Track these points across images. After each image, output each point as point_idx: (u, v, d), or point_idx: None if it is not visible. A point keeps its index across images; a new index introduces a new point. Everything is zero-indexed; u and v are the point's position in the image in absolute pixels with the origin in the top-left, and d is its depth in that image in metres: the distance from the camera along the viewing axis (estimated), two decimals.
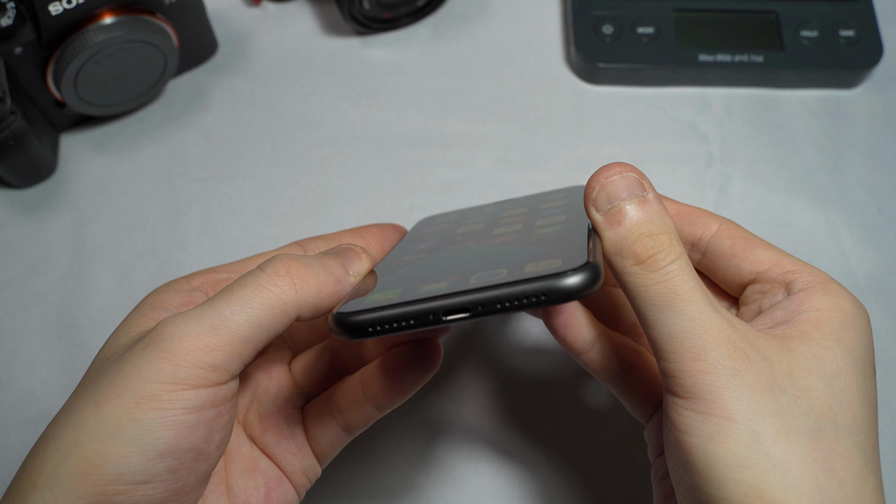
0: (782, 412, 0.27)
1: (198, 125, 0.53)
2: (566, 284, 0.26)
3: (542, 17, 0.57)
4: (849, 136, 0.53)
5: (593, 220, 0.31)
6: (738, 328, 0.29)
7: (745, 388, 0.27)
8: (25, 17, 0.45)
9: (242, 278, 0.30)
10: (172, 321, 0.28)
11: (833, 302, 0.30)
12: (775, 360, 0.28)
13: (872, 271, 0.49)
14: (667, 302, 0.29)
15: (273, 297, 0.29)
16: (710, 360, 0.28)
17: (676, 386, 0.28)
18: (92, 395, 0.28)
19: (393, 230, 0.40)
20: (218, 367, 0.28)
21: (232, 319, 0.28)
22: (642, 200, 0.31)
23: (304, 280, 0.30)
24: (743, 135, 0.53)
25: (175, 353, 0.27)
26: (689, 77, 0.54)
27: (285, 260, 0.30)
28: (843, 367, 0.29)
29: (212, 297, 0.29)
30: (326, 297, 0.31)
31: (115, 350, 0.30)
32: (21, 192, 0.51)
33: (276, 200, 0.51)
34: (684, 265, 0.29)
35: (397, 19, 0.56)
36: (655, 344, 0.29)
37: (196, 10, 0.51)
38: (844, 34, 0.54)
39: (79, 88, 0.48)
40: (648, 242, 0.29)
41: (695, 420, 0.28)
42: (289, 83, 0.55)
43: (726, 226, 0.34)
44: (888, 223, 0.50)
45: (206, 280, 0.34)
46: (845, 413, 0.28)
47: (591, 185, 0.31)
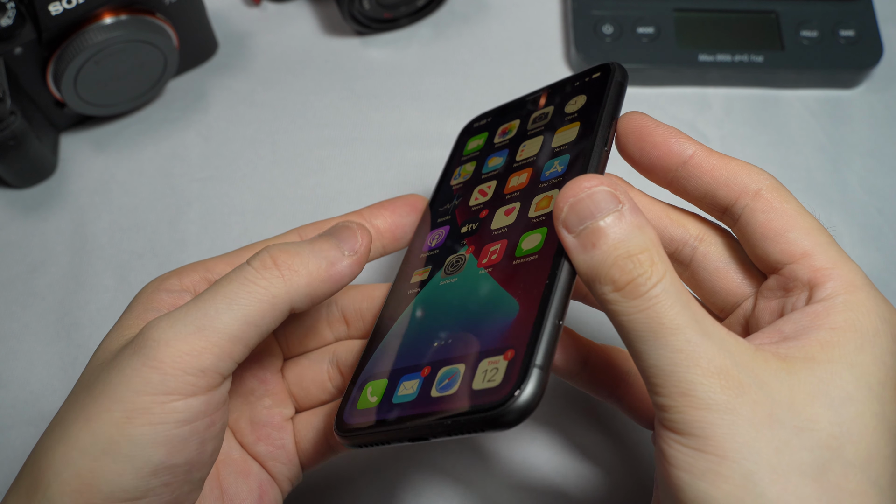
0: (781, 448, 0.25)
1: (198, 125, 0.53)
2: (507, 419, 0.26)
3: (542, 17, 0.57)
4: (849, 136, 0.53)
5: (565, 245, 0.28)
6: (732, 353, 0.26)
7: (739, 422, 0.25)
8: (25, 17, 0.45)
9: (228, 274, 0.29)
10: (157, 325, 0.27)
11: (851, 320, 0.27)
12: (775, 387, 0.26)
13: (872, 271, 0.49)
14: (651, 332, 0.26)
15: (261, 292, 0.28)
16: (700, 394, 0.25)
17: (667, 420, 0.26)
18: (83, 406, 0.27)
19: (407, 209, 0.38)
20: (208, 371, 0.27)
21: (218, 318, 0.27)
22: (617, 217, 0.27)
23: (293, 270, 0.29)
24: (743, 135, 0.53)
25: (162, 361, 0.26)
26: (689, 77, 0.54)
27: (272, 251, 0.29)
28: (852, 393, 0.26)
29: (197, 296, 0.28)
30: (320, 284, 0.29)
31: (106, 355, 0.29)
32: (21, 192, 0.51)
33: (276, 200, 0.51)
34: (668, 287, 0.26)
35: (397, 19, 0.56)
36: (644, 376, 0.27)
37: (196, 10, 0.51)
38: (844, 34, 0.54)
39: (79, 88, 0.48)
40: (627, 265, 0.27)
41: (686, 455, 0.26)
42: (289, 83, 0.55)
43: (767, 193, 0.30)
44: (888, 223, 0.50)
45: (199, 277, 0.33)
46: (856, 445, 0.25)
47: (559, 204, 0.28)
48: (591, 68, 0.36)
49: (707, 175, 0.31)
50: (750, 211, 0.30)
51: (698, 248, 0.33)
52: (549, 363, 0.27)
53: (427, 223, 0.38)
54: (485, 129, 0.41)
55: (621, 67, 0.35)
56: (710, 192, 0.31)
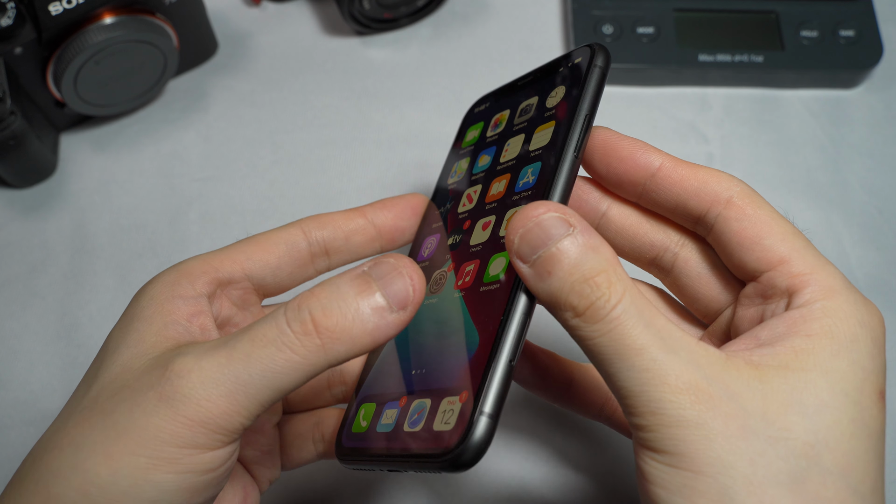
0: (756, 459, 0.25)
1: (198, 125, 0.53)
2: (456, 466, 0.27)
3: (542, 17, 0.57)
4: (849, 136, 0.53)
5: (521, 275, 0.28)
6: (700, 367, 0.26)
7: (712, 437, 0.25)
8: (25, 17, 0.45)
9: (264, 328, 0.26)
10: (189, 378, 0.26)
11: (828, 326, 0.27)
12: (747, 397, 0.26)
13: (872, 271, 0.49)
14: (616, 355, 0.26)
15: (298, 362, 0.26)
16: (671, 412, 0.25)
17: (643, 439, 0.26)
18: (103, 441, 0.26)
19: (408, 211, 0.37)
20: (236, 431, 0.27)
21: (252, 385, 0.26)
22: (570, 241, 0.27)
23: (335, 338, 0.26)
24: (743, 135, 0.53)
25: (192, 419, 0.25)
26: (689, 77, 0.54)
27: (314, 312, 0.26)
28: (828, 400, 0.26)
29: (230, 346, 0.26)
30: (360, 348, 0.27)
31: (127, 376, 0.28)
32: (21, 192, 0.51)
33: (276, 200, 0.51)
34: (628, 307, 0.26)
35: (397, 19, 0.56)
36: (617, 398, 0.27)
37: (196, 10, 0.51)
38: (844, 34, 0.54)
39: (79, 88, 0.48)
40: (584, 290, 0.26)
41: (663, 472, 0.26)
42: (289, 83, 0.55)
43: (739, 200, 0.30)
44: (888, 223, 0.50)
45: (209, 279, 0.32)
46: (833, 452, 0.25)
47: (510, 236, 0.28)
48: (575, 50, 0.35)
49: (676, 186, 0.30)
50: (723, 220, 0.30)
51: (679, 253, 0.33)
52: (498, 409, 0.27)
53: (427, 223, 0.38)
54: (482, 116, 0.40)
55: (603, 52, 0.33)
56: (680, 203, 0.30)
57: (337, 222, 0.35)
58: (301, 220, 0.35)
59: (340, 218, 0.36)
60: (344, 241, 0.35)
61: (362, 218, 0.36)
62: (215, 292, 0.32)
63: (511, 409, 0.44)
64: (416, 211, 0.37)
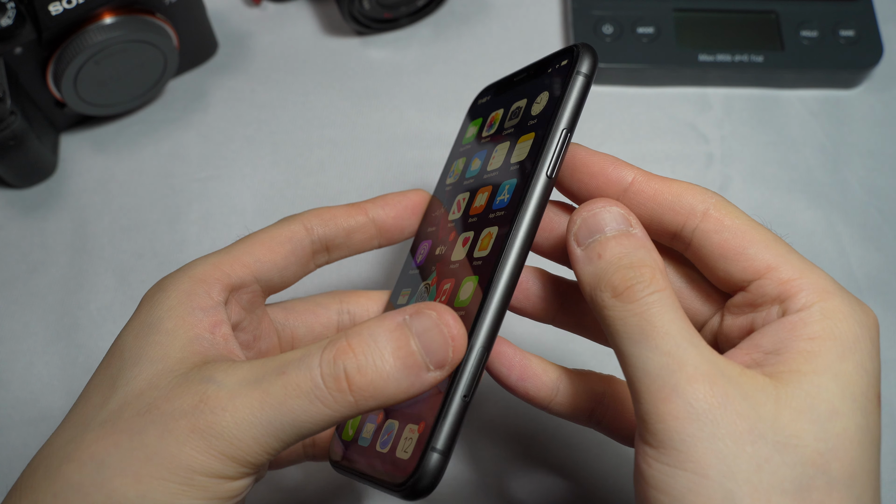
0: (763, 465, 0.24)
1: (198, 125, 0.53)
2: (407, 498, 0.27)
3: (542, 17, 0.57)
4: (849, 136, 0.53)
5: (572, 256, 0.29)
6: (719, 366, 0.26)
7: (720, 436, 0.25)
8: (25, 17, 0.45)
9: (298, 377, 0.26)
10: (223, 416, 0.26)
11: (830, 328, 0.27)
12: (760, 401, 0.25)
13: (872, 271, 0.49)
14: (642, 335, 0.26)
15: (329, 415, 0.26)
16: (683, 400, 0.25)
17: (647, 432, 0.26)
18: (130, 462, 0.26)
19: (408, 211, 0.37)
20: (261, 465, 0.27)
21: (282, 430, 0.26)
22: (626, 234, 0.28)
23: (369, 396, 0.26)
24: (743, 135, 0.53)
25: (224, 453, 0.26)
26: (689, 77, 0.54)
27: (350, 370, 0.26)
28: (839, 406, 0.25)
29: (263, 389, 0.26)
30: (390, 405, 0.27)
31: (152, 392, 0.27)
32: (21, 192, 0.51)
33: (276, 200, 0.51)
34: (665, 298, 0.27)
35: (397, 19, 0.56)
36: (630, 383, 0.27)
37: (196, 10, 0.51)
38: (844, 34, 0.54)
39: (79, 88, 0.48)
40: (628, 273, 0.27)
41: (665, 475, 0.25)
42: (289, 83, 0.55)
43: (715, 212, 0.29)
44: (888, 223, 0.50)
45: (223, 287, 0.32)
46: (841, 461, 0.25)
47: (574, 218, 0.29)
48: (565, 49, 0.33)
49: (651, 201, 0.30)
50: (702, 233, 0.29)
51: None
52: (450, 444, 0.27)
53: (426, 223, 0.37)
54: (482, 111, 0.39)
55: (588, 56, 0.31)
56: (655, 218, 0.30)
57: (338, 219, 0.35)
58: (302, 215, 0.35)
59: (342, 214, 0.36)
60: (344, 237, 0.36)
61: (363, 215, 0.36)
62: (229, 298, 0.32)
63: (507, 412, 0.44)
64: (417, 210, 0.37)
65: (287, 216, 0.36)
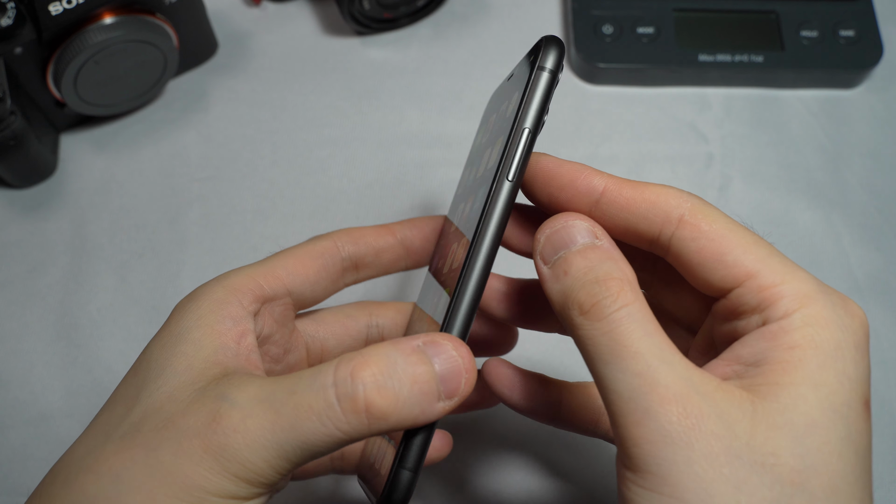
0: (740, 487, 0.24)
1: (198, 125, 0.53)
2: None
3: (542, 17, 0.57)
4: (849, 136, 0.53)
5: (540, 275, 0.28)
6: (693, 382, 0.25)
7: (695, 459, 0.24)
8: (25, 17, 0.45)
9: (310, 397, 0.26)
10: (235, 438, 0.26)
11: (811, 336, 0.26)
12: (736, 419, 0.25)
13: (872, 271, 0.49)
14: (612, 355, 0.26)
15: (341, 438, 0.26)
16: (656, 423, 0.24)
17: (625, 456, 0.25)
18: (144, 479, 0.26)
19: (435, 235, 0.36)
20: (272, 484, 0.27)
21: (293, 452, 0.26)
22: (592, 247, 0.28)
23: (383, 419, 0.26)
24: (743, 135, 0.53)
25: (237, 474, 0.26)
26: (689, 77, 0.54)
27: (369, 391, 0.26)
28: (818, 418, 0.25)
29: (275, 410, 0.26)
30: (398, 429, 0.27)
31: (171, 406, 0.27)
32: (21, 192, 0.51)
33: (276, 200, 0.51)
34: (635, 312, 0.26)
35: (397, 19, 0.56)
36: (605, 405, 0.26)
37: (196, 10, 0.51)
38: (844, 34, 0.54)
39: (79, 88, 0.48)
40: (594, 289, 0.26)
41: (644, 499, 0.25)
42: (289, 83, 0.55)
43: (691, 217, 0.28)
44: (888, 223, 0.50)
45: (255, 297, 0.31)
46: (820, 476, 0.24)
47: (537, 236, 0.29)
48: (534, 45, 0.31)
49: (623, 211, 0.29)
50: (678, 240, 0.28)
51: None
52: (419, 463, 0.27)
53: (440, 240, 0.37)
54: (484, 116, 0.38)
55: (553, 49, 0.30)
56: (630, 227, 0.29)
57: (368, 239, 0.36)
58: (332, 234, 0.36)
59: (371, 234, 0.36)
60: (374, 257, 0.36)
61: (392, 237, 0.36)
62: (260, 309, 0.32)
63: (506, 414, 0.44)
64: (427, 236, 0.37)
65: (318, 235, 0.36)
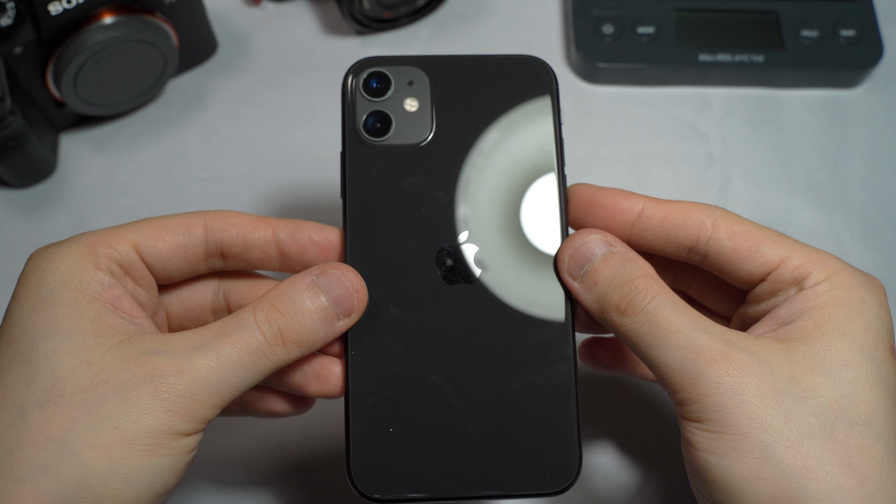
0: (790, 417, 0.28)
1: (198, 125, 0.53)
2: None
3: (542, 17, 0.57)
4: (849, 135, 0.53)
5: (573, 291, 0.32)
6: (731, 342, 0.29)
7: (748, 399, 0.28)
8: (25, 17, 0.45)
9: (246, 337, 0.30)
10: (183, 378, 0.29)
11: (838, 296, 0.30)
12: (775, 364, 0.29)
13: (872, 271, 0.48)
14: (655, 339, 0.30)
15: (270, 366, 0.31)
16: (708, 380, 0.29)
17: (687, 412, 0.30)
18: (94, 435, 0.28)
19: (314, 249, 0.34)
20: (213, 417, 0.30)
21: (235, 384, 0.30)
22: (611, 255, 0.32)
23: (297, 344, 0.31)
24: (743, 135, 0.53)
25: (186, 410, 0.29)
26: (690, 77, 0.54)
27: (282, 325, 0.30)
28: (848, 359, 0.29)
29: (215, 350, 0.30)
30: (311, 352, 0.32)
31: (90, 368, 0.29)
32: (21, 192, 0.51)
33: (276, 200, 0.51)
34: (664, 300, 0.30)
35: (397, 19, 0.56)
36: (661, 380, 0.30)
37: (196, 10, 0.51)
38: (845, 34, 0.54)
39: (79, 88, 0.48)
40: (624, 290, 0.31)
41: (708, 439, 0.29)
42: (289, 83, 0.55)
43: (723, 221, 0.33)
44: (888, 223, 0.50)
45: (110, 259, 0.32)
46: (857, 405, 0.29)
47: (560, 257, 0.33)
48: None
49: (663, 223, 0.33)
50: (716, 242, 0.32)
51: None
52: None
53: None
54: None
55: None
56: (671, 236, 0.33)
57: (241, 227, 0.33)
58: (209, 213, 0.34)
59: (247, 223, 0.34)
60: (241, 249, 0.34)
61: (268, 232, 0.34)
62: (128, 277, 0.32)
63: None
64: (323, 248, 0.34)
65: (197, 211, 0.34)
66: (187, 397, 0.29)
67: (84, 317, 0.30)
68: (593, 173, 0.51)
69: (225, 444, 0.44)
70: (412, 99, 0.35)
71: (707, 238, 0.33)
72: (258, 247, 0.34)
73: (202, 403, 0.29)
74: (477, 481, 0.31)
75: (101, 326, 0.30)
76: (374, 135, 0.35)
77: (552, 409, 0.32)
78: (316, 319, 0.31)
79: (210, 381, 0.29)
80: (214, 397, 0.29)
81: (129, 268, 0.32)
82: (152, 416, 0.28)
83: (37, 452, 0.27)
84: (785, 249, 0.32)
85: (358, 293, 0.32)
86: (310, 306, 0.31)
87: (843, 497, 0.27)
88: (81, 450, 0.28)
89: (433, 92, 0.35)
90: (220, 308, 0.36)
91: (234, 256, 0.34)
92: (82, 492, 0.27)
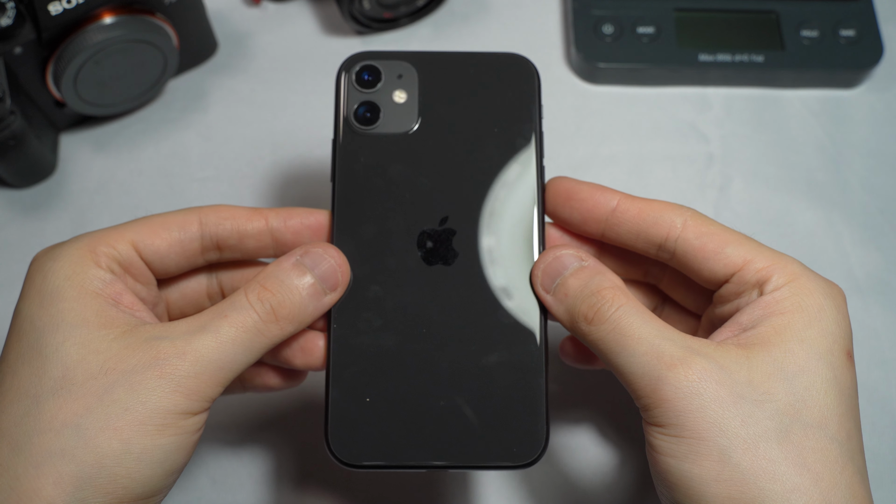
0: (747, 420, 0.29)
1: (198, 125, 0.53)
2: None
3: (542, 17, 0.57)
4: (849, 135, 0.53)
5: (546, 304, 0.34)
6: (692, 348, 0.30)
7: (706, 404, 0.29)
8: (25, 17, 0.45)
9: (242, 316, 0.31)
10: (186, 359, 0.30)
11: (798, 302, 0.31)
12: (734, 369, 0.30)
13: (873, 271, 0.49)
14: (620, 346, 0.31)
15: (266, 343, 0.32)
16: (668, 385, 0.29)
17: (649, 417, 0.30)
18: (107, 418, 0.29)
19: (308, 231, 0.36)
20: (217, 396, 0.31)
21: (236, 362, 0.31)
22: (581, 269, 0.33)
23: (290, 321, 0.32)
24: (743, 135, 0.53)
25: (191, 390, 0.30)
26: (690, 77, 0.54)
27: (274, 303, 0.32)
28: (804, 364, 0.30)
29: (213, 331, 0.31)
30: (303, 327, 0.33)
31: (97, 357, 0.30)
32: (21, 192, 0.51)
33: (276, 200, 0.51)
34: (629, 310, 0.31)
35: (397, 19, 0.56)
36: (626, 385, 0.31)
37: (196, 10, 0.51)
38: (845, 34, 0.54)
39: (79, 88, 0.48)
40: (592, 301, 0.32)
41: (669, 443, 0.30)
42: (289, 83, 0.55)
43: (692, 221, 0.34)
44: (888, 223, 0.50)
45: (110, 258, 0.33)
46: (811, 409, 0.29)
47: (534, 272, 0.34)
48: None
49: (636, 218, 0.34)
50: (683, 241, 0.33)
51: None
52: None
53: None
54: None
55: None
56: (642, 232, 0.34)
57: (236, 220, 0.35)
58: (202, 208, 0.35)
59: (241, 216, 0.35)
60: (237, 240, 0.35)
61: (262, 222, 0.35)
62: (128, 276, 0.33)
63: None
64: (316, 231, 0.36)
65: (191, 207, 0.35)
66: (191, 377, 0.30)
67: (88, 310, 0.31)
68: (593, 173, 0.51)
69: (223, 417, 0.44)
70: (401, 91, 0.37)
71: (676, 237, 0.34)
72: (253, 237, 0.35)
73: (205, 382, 0.30)
74: (448, 452, 0.33)
75: (105, 319, 0.31)
76: (364, 123, 0.36)
77: (521, 385, 0.33)
78: (305, 295, 0.33)
79: (211, 361, 0.30)
80: (217, 375, 0.31)
81: (129, 266, 0.33)
82: (160, 398, 0.30)
83: (54, 437, 0.29)
84: (749, 252, 0.33)
85: (341, 268, 0.34)
86: (297, 283, 0.33)
87: (799, 496, 0.28)
88: (95, 433, 0.29)
89: (420, 85, 0.37)
90: (214, 293, 0.37)
91: (230, 248, 0.35)
92: (98, 472, 0.29)
